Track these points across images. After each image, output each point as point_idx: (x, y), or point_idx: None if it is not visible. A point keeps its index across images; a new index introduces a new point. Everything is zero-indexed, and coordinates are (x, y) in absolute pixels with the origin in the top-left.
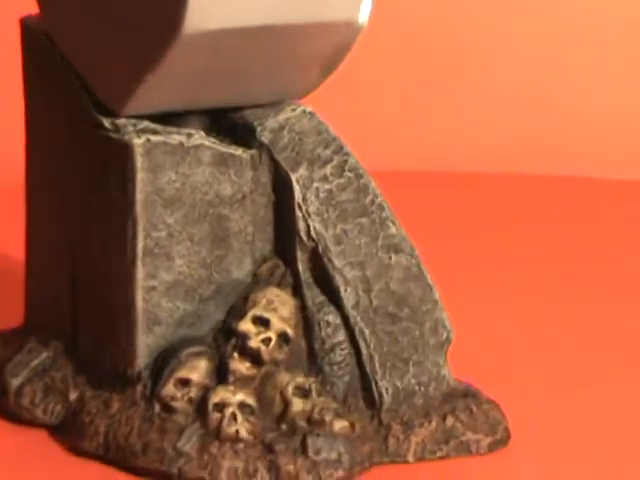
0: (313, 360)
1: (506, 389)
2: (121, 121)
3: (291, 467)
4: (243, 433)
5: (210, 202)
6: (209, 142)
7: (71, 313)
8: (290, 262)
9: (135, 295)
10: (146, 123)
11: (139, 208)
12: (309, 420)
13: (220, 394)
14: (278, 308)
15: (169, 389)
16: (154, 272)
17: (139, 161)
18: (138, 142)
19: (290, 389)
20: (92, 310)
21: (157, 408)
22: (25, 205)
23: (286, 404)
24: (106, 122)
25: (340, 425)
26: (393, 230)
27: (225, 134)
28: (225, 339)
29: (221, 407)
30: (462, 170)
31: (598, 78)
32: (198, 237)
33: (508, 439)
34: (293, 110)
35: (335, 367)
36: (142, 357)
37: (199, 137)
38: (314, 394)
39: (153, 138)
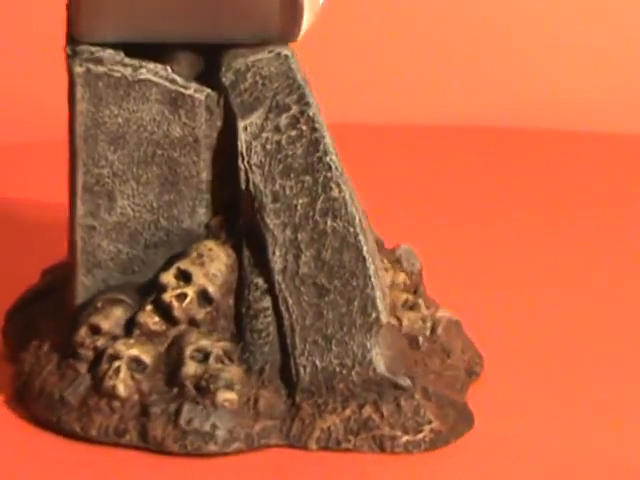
0: (240, 325)
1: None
2: (81, 48)
3: (158, 433)
4: (120, 389)
5: (158, 143)
6: (157, 78)
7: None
8: (238, 216)
9: (74, 234)
10: (105, 52)
11: (78, 141)
12: (197, 386)
13: (117, 346)
14: (206, 263)
15: (80, 335)
16: (94, 211)
17: (79, 91)
18: (78, 71)
19: (189, 350)
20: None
21: (67, 353)
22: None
23: (179, 365)
24: (68, 48)
25: (224, 397)
26: (335, 193)
27: (209, 75)
28: (150, 290)
29: (112, 360)
30: (451, 123)
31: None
32: (145, 179)
33: (436, 441)
34: (269, 52)
35: (256, 335)
36: (80, 299)
37: (146, 71)
38: (212, 359)
39: (94, 68)
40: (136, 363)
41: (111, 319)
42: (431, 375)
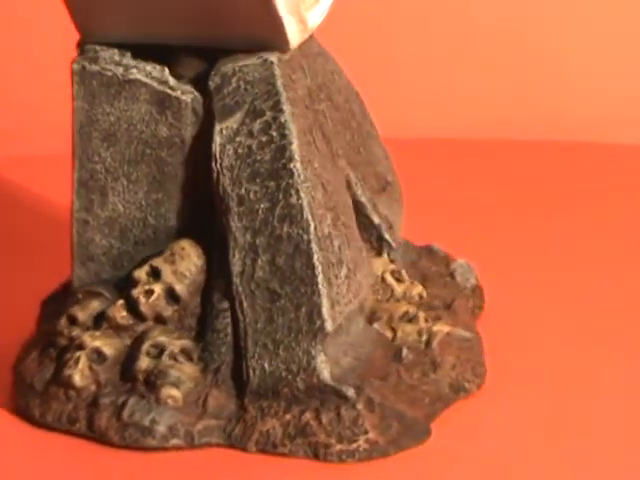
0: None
1: None
2: (89, 47)
3: (103, 423)
4: (76, 379)
5: (147, 142)
6: (147, 78)
7: None
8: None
9: (72, 227)
10: (107, 52)
11: (76, 137)
12: (146, 381)
13: (83, 337)
14: (176, 262)
15: (60, 325)
16: (88, 206)
17: (75, 89)
18: (75, 68)
19: (146, 346)
20: None
21: (48, 342)
22: None
23: (134, 360)
24: (81, 46)
25: (168, 393)
26: (294, 200)
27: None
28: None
29: (77, 350)
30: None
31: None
32: (135, 177)
33: (372, 452)
34: (258, 58)
35: (215, 335)
36: None
37: (137, 72)
38: (165, 356)
39: (89, 66)
40: (97, 355)
41: (87, 311)
42: (392, 387)
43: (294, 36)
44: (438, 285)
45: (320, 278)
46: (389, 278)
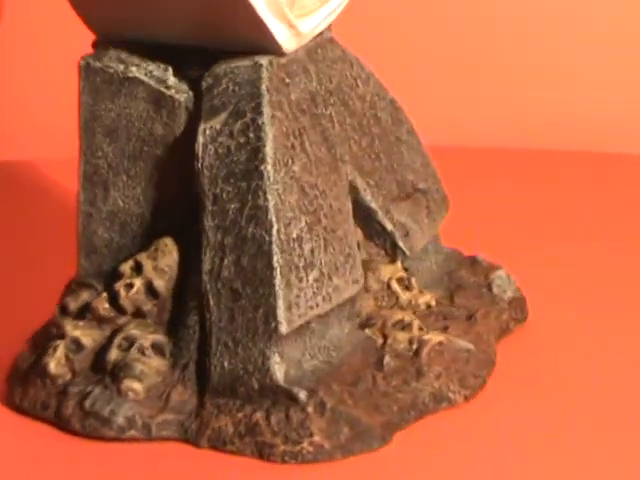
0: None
1: None
2: (102, 45)
3: (68, 411)
4: (51, 367)
5: (144, 139)
6: (146, 77)
7: None
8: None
9: (78, 219)
10: (115, 51)
11: (81, 132)
12: (112, 372)
13: (66, 326)
14: (159, 257)
15: (56, 315)
16: (92, 199)
17: (81, 84)
18: (81, 64)
19: (118, 338)
20: None
21: (45, 331)
22: None
23: (106, 351)
24: (95, 46)
25: (129, 386)
26: (261, 201)
27: None
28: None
29: (58, 338)
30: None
31: None
32: (133, 173)
33: (316, 455)
34: (250, 60)
35: (186, 331)
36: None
37: (136, 70)
38: (133, 349)
39: (93, 63)
40: (75, 345)
41: (78, 301)
42: (360, 393)
43: (287, 41)
44: (471, 295)
45: (278, 280)
46: (395, 285)
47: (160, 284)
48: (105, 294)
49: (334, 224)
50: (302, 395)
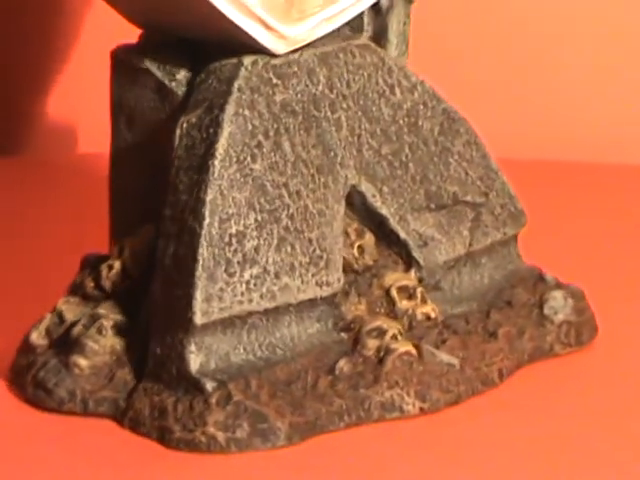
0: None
1: None
2: (143, 37)
3: (26, 380)
4: (33, 337)
5: (153, 129)
6: (155, 69)
7: None
8: None
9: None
10: (144, 44)
11: (112, 119)
12: (68, 347)
13: (59, 301)
14: (137, 242)
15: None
16: (117, 180)
17: (111, 74)
18: (112, 54)
19: (86, 316)
20: None
21: None
22: None
23: (73, 327)
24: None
25: (75, 361)
26: (202, 194)
27: None
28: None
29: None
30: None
31: None
32: (143, 162)
33: (209, 446)
34: (237, 58)
35: (144, 314)
36: None
37: (148, 61)
38: (93, 327)
39: (119, 54)
40: (59, 318)
41: (80, 279)
42: (287, 392)
43: (270, 42)
44: (516, 314)
45: (198, 272)
46: (393, 293)
47: (133, 267)
48: (94, 273)
49: (305, 225)
50: (208, 386)
